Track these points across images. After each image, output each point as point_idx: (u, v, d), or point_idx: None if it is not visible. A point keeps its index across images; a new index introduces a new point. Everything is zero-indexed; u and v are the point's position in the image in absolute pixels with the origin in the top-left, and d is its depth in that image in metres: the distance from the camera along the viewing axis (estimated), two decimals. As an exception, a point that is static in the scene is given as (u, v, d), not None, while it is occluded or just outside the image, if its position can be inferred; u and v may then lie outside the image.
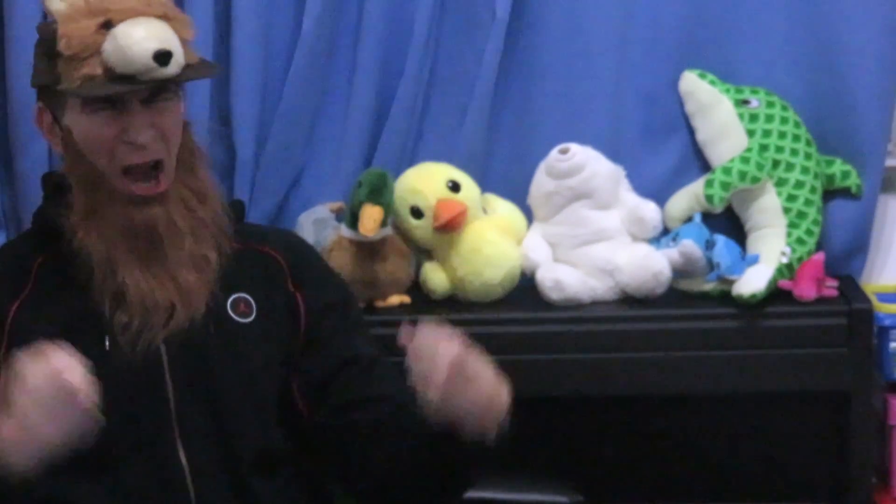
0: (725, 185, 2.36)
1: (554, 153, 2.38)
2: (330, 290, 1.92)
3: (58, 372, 1.53)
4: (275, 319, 1.85)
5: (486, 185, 2.44)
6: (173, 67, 1.72)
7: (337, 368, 1.85)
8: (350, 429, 1.81)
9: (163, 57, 1.71)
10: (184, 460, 1.75)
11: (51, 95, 1.77)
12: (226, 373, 1.79)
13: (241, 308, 1.84)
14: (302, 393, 1.84)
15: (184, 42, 1.76)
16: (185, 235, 1.77)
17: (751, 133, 2.38)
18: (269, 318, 1.85)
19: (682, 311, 2.31)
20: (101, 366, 1.66)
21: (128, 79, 1.71)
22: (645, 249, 2.35)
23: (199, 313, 1.76)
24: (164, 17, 1.74)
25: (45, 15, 2.33)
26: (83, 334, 1.72)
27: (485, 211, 2.41)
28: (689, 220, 2.40)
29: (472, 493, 2.18)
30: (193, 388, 1.77)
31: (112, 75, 1.71)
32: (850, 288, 2.35)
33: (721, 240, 2.34)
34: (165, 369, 1.76)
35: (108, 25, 1.72)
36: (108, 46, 1.71)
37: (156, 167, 1.77)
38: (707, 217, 2.40)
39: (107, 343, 1.73)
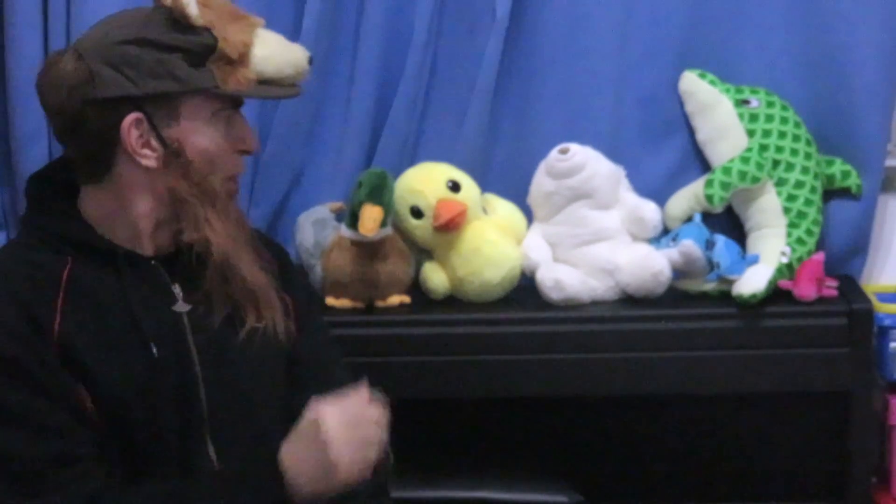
0: (725, 185, 2.36)
1: (554, 153, 2.38)
2: (304, 292, 1.94)
3: (364, 411, 1.66)
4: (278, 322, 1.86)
5: (486, 185, 2.44)
6: None
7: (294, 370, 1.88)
8: None
9: (311, 59, 1.80)
10: (215, 464, 1.75)
11: (158, 107, 1.71)
12: (252, 376, 1.80)
13: None
14: None
15: None
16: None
17: (751, 133, 2.38)
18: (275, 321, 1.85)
19: (682, 311, 2.31)
20: (151, 372, 1.69)
21: (272, 82, 1.75)
22: (645, 249, 2.35)
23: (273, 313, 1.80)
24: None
25: (46, 17, 2.35)
26: (130, 342, 1.71)
27: (485, 211, 2.41)
28: (689, 220, 2.40)
29: (472, 493, 2.20)
30: (224, 391, 1.77)
31: (261, 79, 1.74)
32: (850, 288, 2.35)
33: (721, 240, 2.34)
34: (198, 373, 1.75)
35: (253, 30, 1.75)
36: (261, 51, 1.73)
37: None
38: (707, 217, 2.40)
39: (154, 349, 1.71)
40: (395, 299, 2.38)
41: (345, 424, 1.65)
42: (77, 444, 1.66)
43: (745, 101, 2.40)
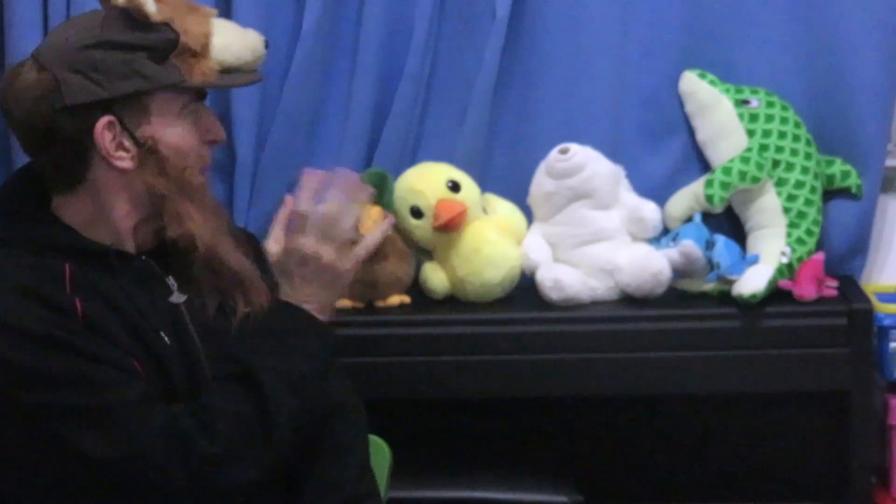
0: (725, 185, 2.36)
1: (554, 153, 2.38)
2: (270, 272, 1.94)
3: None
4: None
5: (486, 185, 2.44)
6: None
7: None
8: None
9: (267, 43, 1.83)
10: None
11: (128, 108, 1.70)
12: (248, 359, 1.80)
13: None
14: None
15: None
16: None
17: (751, 133, 2.39)
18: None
19: (682, 311, 2.31)
20: (166, 360, 1.70)
21: (233, 70, 1.77)
22: (645, 249, 2.35)
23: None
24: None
25: (46, 17, 2.35)
26: (143, 332, 1.71)
27: (485, 211, 2.41)
28: (689, 220, 2.40)
29: (472, 493, 2.19)
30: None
31: (222, 68, 1.75)
32: (850, 288, 2.35)
33: (721, 240, 2.34)
34: (203, 361, 1.75)
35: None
36: (219, 41, 1.74)
37: None
38: (707, 217, 2.40)
39: (164, 337, 1.72)
40: (395, 299, 2.38)
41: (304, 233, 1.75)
42: (149, 386, 1.66)
43: (745, 101, 2.40)
